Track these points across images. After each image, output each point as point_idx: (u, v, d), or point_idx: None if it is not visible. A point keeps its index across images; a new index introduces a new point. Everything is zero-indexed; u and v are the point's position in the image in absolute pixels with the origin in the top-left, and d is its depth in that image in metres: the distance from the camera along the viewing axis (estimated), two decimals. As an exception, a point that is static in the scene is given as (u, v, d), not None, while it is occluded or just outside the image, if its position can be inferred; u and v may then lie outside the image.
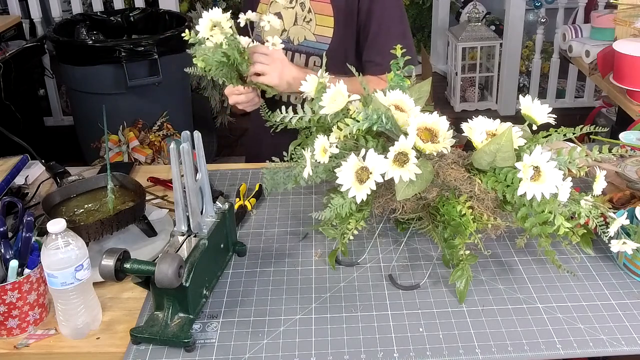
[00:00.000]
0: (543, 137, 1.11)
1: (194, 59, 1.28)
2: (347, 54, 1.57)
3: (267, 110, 1.30)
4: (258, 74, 1.39)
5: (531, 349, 0.99)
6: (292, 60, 1.61)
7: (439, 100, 4.14)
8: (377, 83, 1.46)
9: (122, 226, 1.22)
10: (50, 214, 1.21)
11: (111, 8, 3.60)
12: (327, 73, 1.23)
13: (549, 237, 1.07)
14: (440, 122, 1.06)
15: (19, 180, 1.50)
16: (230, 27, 1.29)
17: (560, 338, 1.01)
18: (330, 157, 1.09)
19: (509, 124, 1.08)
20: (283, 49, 1.42)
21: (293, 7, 1.60)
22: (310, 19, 1.58)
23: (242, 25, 1.41)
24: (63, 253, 0.99)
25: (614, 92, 2.40)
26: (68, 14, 3.51)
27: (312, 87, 1.21)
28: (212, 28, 1.28)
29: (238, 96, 1.46)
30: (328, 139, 1.10)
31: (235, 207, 1.38)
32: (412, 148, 1.01)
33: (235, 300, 1.12)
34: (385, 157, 1.02)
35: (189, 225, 1.10)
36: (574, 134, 1.11)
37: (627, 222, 1.13)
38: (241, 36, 1.36)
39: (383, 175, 1.02)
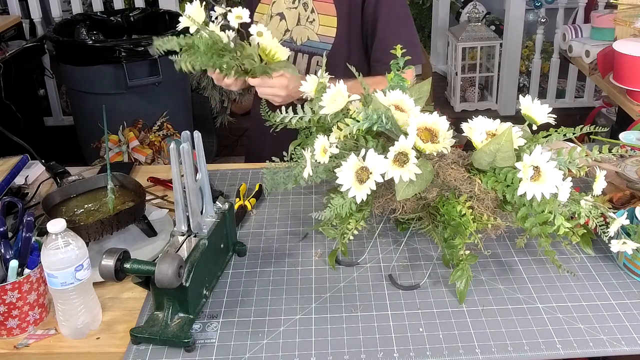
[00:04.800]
0: (543, 137, 1.11)
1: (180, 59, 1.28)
2: (350, 54, 1.57)
3: (267, 110, 1.30)
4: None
5: (531, 349, 0.99)
6: (295, 60, 1.61)
7: (439, 100, 4.14)
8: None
9: (122, 226, 1.21)
10: (50, 214, 1.21)
11: (111, 8, 3.59)
12: (327, 73, 1.23)
13: (549, 237, 1.07)
14: (440, 122, 1.06)
15: (19, 180, 1.50)
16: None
17: (560, 338, 1.01)
18: (330, 157, 1.09)
19: (509, 124, 1.08)
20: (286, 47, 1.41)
21: (296, 8, 1.60)
22: (314, 19, 1.58)
23: (235, 27, 1.38)
24: (63, 253, 0.99)
25: (614, 92, 2.40)
26: (68, 14, 3.51)
27: (312, 87, 1.21)
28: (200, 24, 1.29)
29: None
30: (328, 139, 1.10)
31: (235, 207, 1.38)
32: (412, 148, 1.01)
33: (235, 300, 1.12)
34: (385, 157, 1.02)
35: (189, 225, 1.10)
36: (574, 134, 1.11)
37: (627, 222, 1.14)
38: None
39: (383, 175, 1.02)
